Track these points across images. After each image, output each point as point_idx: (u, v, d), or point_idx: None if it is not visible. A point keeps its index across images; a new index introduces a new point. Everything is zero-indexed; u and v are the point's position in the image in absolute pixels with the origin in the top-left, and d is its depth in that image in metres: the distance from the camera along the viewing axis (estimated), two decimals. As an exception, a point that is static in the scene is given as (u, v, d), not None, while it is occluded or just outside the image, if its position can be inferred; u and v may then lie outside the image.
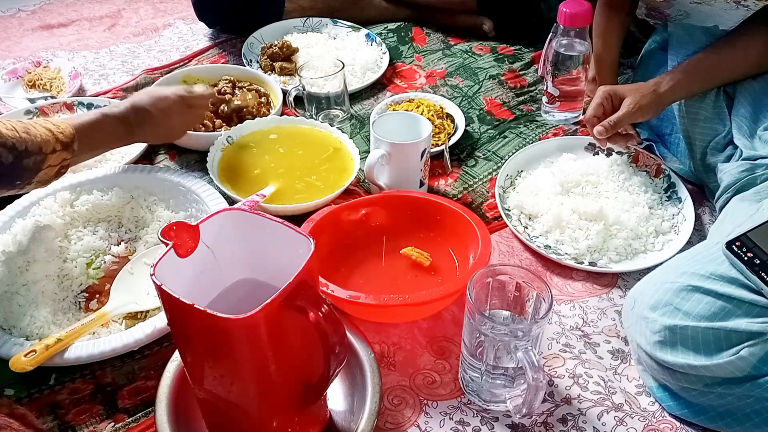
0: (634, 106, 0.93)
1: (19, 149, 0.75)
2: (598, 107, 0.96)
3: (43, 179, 0.80)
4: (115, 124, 0.88)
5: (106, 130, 0.87)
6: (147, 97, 0.92)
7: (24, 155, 0.75)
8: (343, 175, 1.00)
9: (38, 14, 1.59)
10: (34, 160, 0.77)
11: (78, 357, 0.74)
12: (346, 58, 1.26)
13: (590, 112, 0.97)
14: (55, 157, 0.79)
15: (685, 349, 0.69)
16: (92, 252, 0.89)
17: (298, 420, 0.63)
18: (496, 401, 0.73)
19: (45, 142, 0.77)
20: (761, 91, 0.91)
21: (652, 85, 0.94)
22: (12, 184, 0.78)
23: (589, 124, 0.97)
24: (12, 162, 0.74)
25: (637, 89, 0.95)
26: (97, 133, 0.86)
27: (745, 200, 0.83)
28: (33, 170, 0.78)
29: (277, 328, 0.53)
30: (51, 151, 0.78)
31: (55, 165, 0.80)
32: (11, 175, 0.76)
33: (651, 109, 0.94)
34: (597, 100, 0.97)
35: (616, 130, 0.95)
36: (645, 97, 0.93)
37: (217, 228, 0.59)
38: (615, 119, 0.94)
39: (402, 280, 0.86)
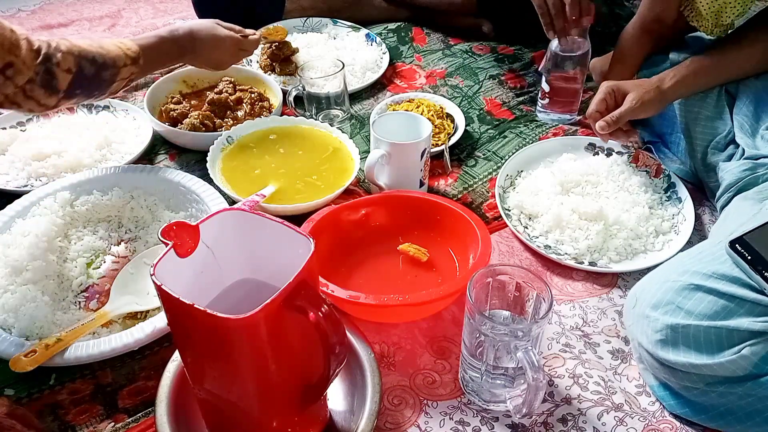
0: (637, 102, 0.93)
1: (99, 62, 0.85)
2: (601, 102, 0.96)
3: (114, 90, 0.91)
4: (172, 47, 0.98)
5: (165, 50, 0.97)
6: (206, 34, 1.02)
7: (103, 68, 0.85)
8: (343, 175, 1.00)
9: (38, 14, 1.59)
10: (110, 72, 0.87)
11: (78, 357, 0.74)
12: (346, 58, 1.26)
13: (593, 107, 0.97)
14: (125, 70, 0.89)
15: (687, 347, 0.69)
16: (92, 252, 0.89)
17: (298, 420, 0.63)
18: (496, 401, 0.73)
19: (118, 57, 0.87)
20: (763, 90, 0.91)
21: (655, 81, 0.94)
22: (91, 94, 0.88)
23: (592, 119, 0.97)
24: (93, 74, 0.85)
25: (640, 85, 0.95)
26: (157, 53, 0.95)
27: (747, 199, 0.83)
28: (108, 82, 0.88)
29: (277, 328, 0.53)
30: (123, 65, 0.88)
31: (125, 78, 0.90)
32: (91, 85, 0.86)
33: (654, 105, 0.94)
34: (600, 95, 0.97)
35: (619, 125, 0.95)
36: (648, 93, 0.93)
37: (217, 228, 0.59)
38: (618, 114, 0.94)
39: (402, 280, 0.86)
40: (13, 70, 0.76)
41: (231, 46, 1.06)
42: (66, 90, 0.82)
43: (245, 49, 1.09)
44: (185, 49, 1.00)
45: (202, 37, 1.01)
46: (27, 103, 0.80)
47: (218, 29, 1.04)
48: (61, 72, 0.81)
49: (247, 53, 1.11)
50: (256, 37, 1.11)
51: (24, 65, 0.76)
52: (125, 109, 1.17)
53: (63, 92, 0.82)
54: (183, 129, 1.08)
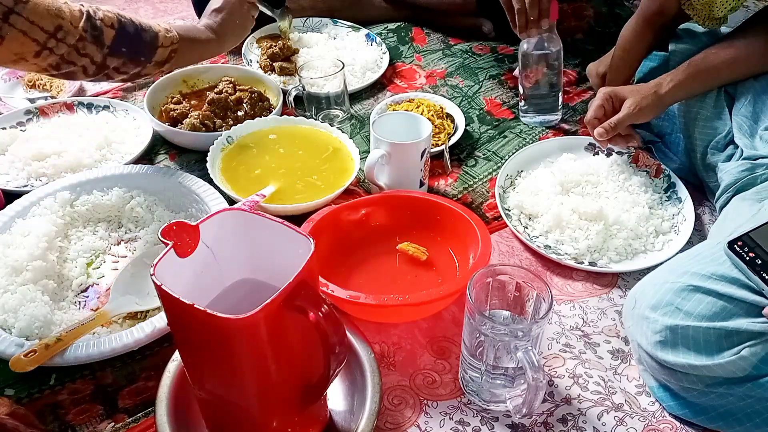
0: (634, 108, 0.93)
1: (137, 23, 0.88)
2: (599, 109, 0.96)
3: (159, 60, 0.91)
4: (203, 30, 1.00)
5: (198, 32, 0.99)
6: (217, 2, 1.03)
7: (142, 30, 0.88)
8: (343, 175, 1.00)
9: (38, 14, 1.59)
10: (150, 35, 0.89)
11: (78, 357, 0.73)
12: (346, 58, 1.26)
13: (591, 114, 0.97)
14: (163, 37, 0.90)
15: (686, 349, 0.69)
16: (92, 252, 0.89)
17: (298, 420, 0.63)
18: (496, 401, 0.73)
19: (153, 24, 0.90)
20: (762, 91, 0.91)
21: (652, 86, 0.94)
22: (138, 58, 0.89)
23: (590, 125, 0.98)
24: (134, 33, 0.87)
25: (637, 90, 0.95)
26: (191, 34, 0.96)
27: (746, 200, 0.83)
28: (151, 45, 0.89)
29: (277, 328, 0.53)
30: (158, 31, 0.90)
31: (167, 45, 0.91)
32: (134, 45, 0.87)
33: (652, 111, 0.94)
34: (597, 101, 0.97)
35: (617, 131, 0.95)
36: (645, 99, 0.93)
37: (217, 228, 0.59)
38: (615, 121, 0.94)
39: (402, 280, 0.86)
40: (63, 31, 0.79)
41: (238, 3, 1.04)
42: (111, 45, 0.84)
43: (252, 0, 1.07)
44: (211, 26, 1.01)
45: (214, 4, 1.03)
46: (81, 60, 0.83)
47: None
48: (105, 27, 0.83)
49: (254, 9, 1.09)
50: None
51: (71, 25, 0.80)
52: (125, 109, 1.17)
53: (108, 47, 0.84)
54: (183, 129, 1.08)
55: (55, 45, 0.80)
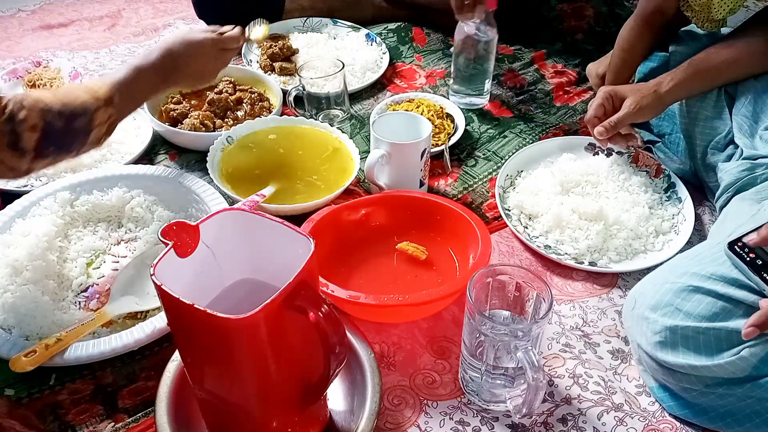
0: (634, 107, 0.93)
1: (66, 113, 0.75)
2: (599, 108, 0.96)
3: (95, 139, 0.81)
4: (151, 75, 0.88)
5: (143, 83, 0.88)
6: (181, 45, 0.91)
7: (72, 118, 0.76)
8: (343, 175, 1.00)
9: (38, 14, 1.59)
10: (82, 121, 0.77)
11: (78, 357, 0.74)
12: (346, 58, 1.26)
13: (591, 113, 0.97)
14: (100, 114, 0.79)
15: (686, 349, 0.69)
16: (92, 252, 0.89)
17: (298, 420, 0.63)
18: (496, 401, 0.73)
19: (86, 102, 0.78)
20: (762, 91, 0.91)
21: (652, 85, 0.94)
22: (69, 149, 0.78)
23: (590, 124, 0.98)
24: (63, 126, 0.75)
25: (637, 90, 0.95)
26: (135, 86, 0.86)
27: (745, 200, 0.83)
28: (84, 131, 0.78)
29: (277, 328, 0.53)
30: (95, 109, 0.78)
31: (104, 122, 0.80)
32: (66, 139, 0.77)
33: (652, 110, 0.94)
34: (597, 100, 0.97)
35: (617, 130, 0.95)
36: (646, 98, 0.93)
37: (217, 228, 0.59)
38: (616, 120, 0.94)
39: (402, 279, 0.86)
40: None
41: (211, 47, 0.95)
42: (35, 149, 0.72)
43: (228, 47, 0.97)
44: (166, 69, 0.90)
45: (178, 48, 0.91)
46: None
47: (192, 34, 0.94)
48: (26, 132, 0.71)
49: (231, 52, 0.99)
50: (235, 32, 0.99)
51: None
52: (125, 109, 1.16)
53: (32, 152, 0.72)
54: (183, 129, 1.08)
55: None
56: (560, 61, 1.34)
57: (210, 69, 0.97)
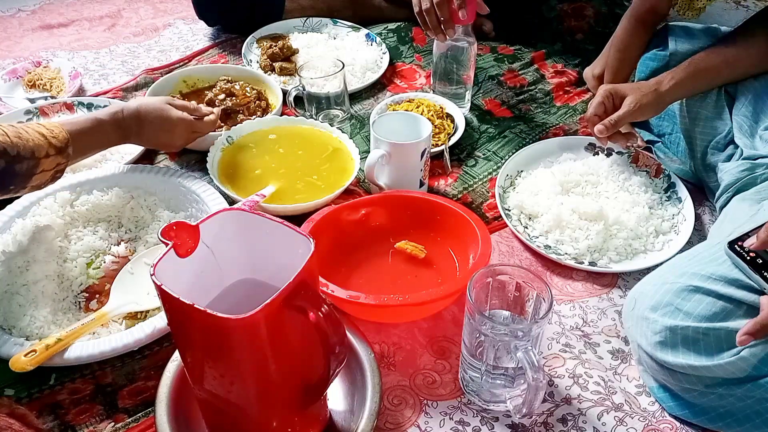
0: (635, 105, 0.93)
1: (11, 154, 0.73)
2: (599, 106, 0.96)
3: (37, 183, 0.79)
4: (111, 130, 0.89)
5: (102, 134, 0.88)
6: (155, 116, 0.92)
7: (16, 160, 0.74)
8: (343, 175, 1.00)
9: (38, 14, 1.59)
10: (27, 165, 0.75)
11: (78, 357, 0.74)
12: (346, 58, 1.26)
13: (591, 111, 0.97)
14: (49, 161, 0.77)
15: (686, 349, 0.69)
16: (92, 252, 0.89)
17: (298, 420, 0.63)
18: (496, 401, 0.73)
19: (38, 147, 0.76)
20: (762, 91, 0.91)
21: (653, 84, 0.94)
22: (5, 189, 0.76)
23: (590, 122, 0.98)
24: (4, 168, 0.73)
25: (638, 88, 0.95)
26: (92, 138, 0.86)
27: (745, 200, 0.83)
28: (26, 175, 0.76)
29: (277, 328, 0.53)
30: (44, 155, 0.76)
31: (50, 170, 0.79)
32: (3, 180, 0.75)
33: (652, 108, 0.94)
34: (598, 98, 0.97)
35: (617, 128, 0.95)
36: (646, 96, 0.93)
37: (217, 228, 0.59)
38: (616, 118, 0.94)
39: (402, 279, 0.86)
40: None
41: (183, 129, 0.96)
42: None
43: (199, 131, 0.99)
44: (129, 131, 0.91)
45: (150, 119, 0.92)
46: None
47: (169, 111, 0.94)
48: None
49: (199, 135, 1.01)
50: (212, 118, 1.01)
51: None
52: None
53: None
54: (183, 129, 1.08)
55: None
56: (560, 61, 1.34)
57: (175, 144, 1.00)
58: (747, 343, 0.65)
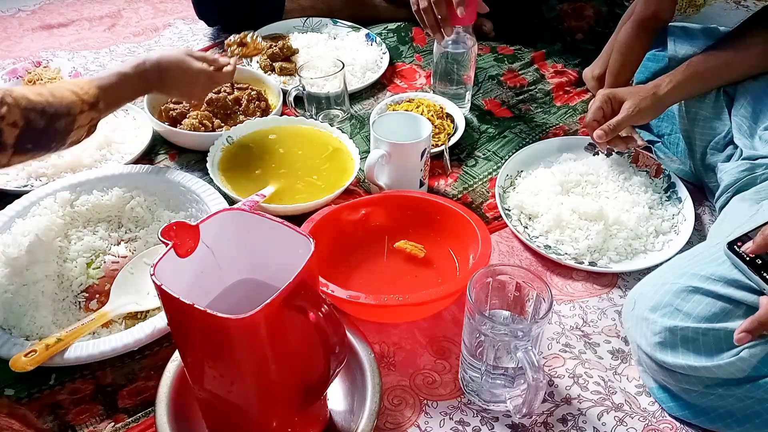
0: (633, 110, 0.93)
1: (49, 112, 0.76)
2: (598, 111, 0.96)
3: (74, 139, 0.83)
4: (136, 82, 0.91)
5: (128, 87, 0.90)
6: (176, 67, 0.95)
7: (55, 118, 0.77)
8: (343, 175, 1.00)
9: (38, 14, 1.59)
10: (65, 122, 0.79)
11: (78, 357, 0.74)
12: (346, 58, 1.26)
13: (590, 116, 0.97)
14: (83, 117, 0.81)
15: (686, 350, 0.69)
16: (92, 252, 0.89)
17: (298, 420, 0.63)
18: (496, 401, 0.73)
19: (72, 104, 0.80)
20: (761, 91, 0.91)
21: (651, 87, 0.94)
22: (48, 147, 0.80)
23: (589, 127, 0.97)
24: (44, 126, 0.76)
25: (636, 92, 0.95)
26: (120, 91, 0.89)
27: (745, 200, 0.83)
28: (65, 132, 0.80)
29: (277, 328, 0.53)
30: (79, 111, 0.80)
31: (85, 125, 0.82)
32: (45, 138, 0.78)
33: (651, 112, 0.94)
34: (596, 103, 0.97)
35: (616, 133, 0.95)
36: (645, 100, 0.93)
37: (217, 228, 0.59)
38: (615, 123, 0.94)
39: (402, 280, 0.86)
40: None
41: (204, 79, 0.98)
42: (14, 145, 0.74)
43: (218, 82, 1.02)
44: (151, 83, 0.93)
45: (171, 70, 0.94)
46: None
47: (189, 62, 0.96)
48: (6, 126, 0.72)
49: (219, 85, 1.06)
50: (230, 69, 1.03)
51: None
52: (125, 109, 1.16)
53: (11, 147, 0.74)
54: (182, 129, 1.08)
55: None
56: (560, 61, 1.34)
57: (196, 94, 1.03)
58: (745, 341, 0.65)
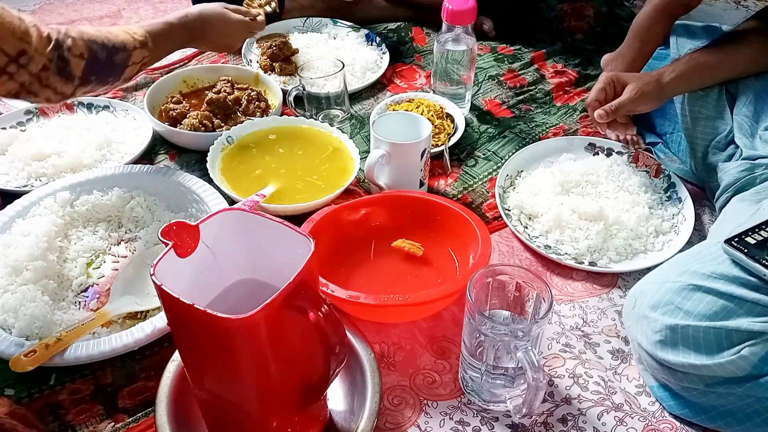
0: (636, 93, 0.93)
1: (109, 46, 0.84)
2: (600, 92, 0.96)
3: (128, 76, 0.90)
4: (182, 32, 1.00)
5: (175, 36, 0.99)
6: (217, 18, 1.05)
7: (113, 52, 0.85)
8: (343, 175, 1.00)
9: (38, 14, 1.59)
10: (122, 56, 0.86)
11: (78, 357, 0.74)
12: (346, 58, 1.26)
13: (592, 96, 0.97)
14: (137, 53, 0.89)
15: (686, 348, 0.69)
16: (92, 252, 0.89)
17: (298, 420, 0.63)
18: (496, 401, 0.73)
19: (126, 41, 0.87)
20: (763, 91, 0.92)
21: (655, 74, 0.94)
22: (106, 80, 0.87)
23: (590, 107, 0.97)
24: (105, 58, 0.84)
25: (640, 77, 0.95)
26: (166, 38, 0.96)
27: (744, 200, 0.83)
28: (122, 66, 0.87)
29: (277, 328, 0.53)
30: (133, 48, 0.88)
31: (138, 62, 0.90)
32: (105, 71, 0.85)
33: (653, 98, 0.94)
34: (599, 85, 0.97)
35: (617, 115, 0.95)
36: (647, 85, 0.93)
37: (217, 228, 0.59)
38: (616, 104, 0.94)
39: (402, 280, 0.86)
40: (27, 57, 0.74)
41: (241, 29, 1.11)
42: (81, 76, 0.81)
43: (253, 30, 1.16)
44: (194, 34, 1.02)
45: (212, 22, 1.04)
46: (43, 91, 0.79)
47: (228, 14, 1.07)
48: (74, 58, 0.79)
49: (253, 35, 1.22)
50: (261, 18, 1.17)
51: (36, 52, 0.75)
52: (125, 109, 1.16)
53: (78, 78, 0.81)
54: (182, 129, 1.08)
55: (16, 71, 0.74)
56: (560, 61, 1.34)
57: (234, 44, 1.15)
58: None
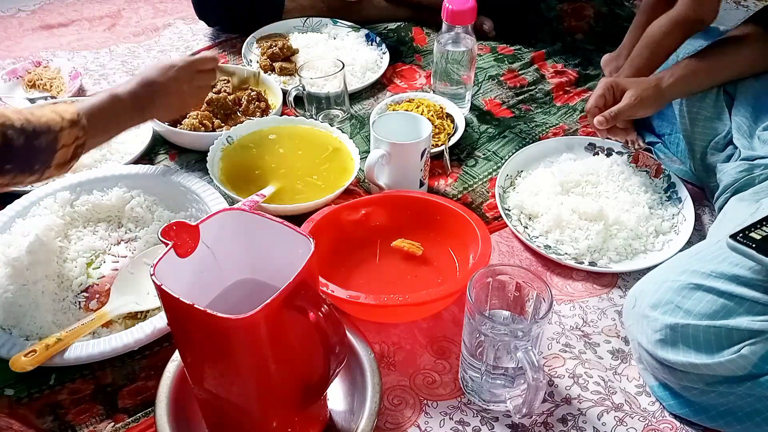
0: (635, 99, 0.93)
1: (28, 129, 0.74)
2: (600, 98, 0.96)
3: (61, 161, 0.79)
4: (125, 102, 0.86)
5: (117, 109, 0.86)
6: (154, 70, 0.91)
7: (34, 135, 0.74)
8: (343, 175, 1.00)
9: (38, 14, 1.59)
10: (46, 139, 0.75)
11: (78, 357, 0.74)
12: (346, 58, 1.26)
13: (591, 102, 0.97)
14: (66, 134, 0.77)
15: (686, 347, 0.69)
16: (92, 252, 0.89)
17: (298, 420, 0.63)
18: (496, 401, 0.73)
19: (52, 120, 0.77)
20: (762, 91, 0.92)
21: (654, 79, 0.94)
22: (31, 169, 0.76)
23: (590, 114, 0.97)
24: (24, 143, 0.73)
25: (639, 83, 0.95)
26: (107, 114, 0.84)
27: (743, 200, 0.83)
28: (48, 151, 0.76)
29: (277, 328, 0.53)
30: (60, 129, 0.77)
31: (70, 144, 0.78)
32: (26, 157, 0.75)
33: (652, 103, 0.94)
34: (599, 91, 0.97)
35: (616, 121, 0.95)
36: (647, 91, 0.93)
37: (217, 228, 0.59)
38: (616, 110, 0.94)
39: (402, 279, 0.86)
40: None
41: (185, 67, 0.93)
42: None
43: (202, 68, 0.95)
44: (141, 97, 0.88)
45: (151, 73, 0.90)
46: None
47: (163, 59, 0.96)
48: None
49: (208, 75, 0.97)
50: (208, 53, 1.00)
51: None
52: (125, 109, 1.16)
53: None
54: (182, 129, 1.08)
55: None
56: (560, 61, 1.34)
57: (188, 92, 0.95)
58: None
